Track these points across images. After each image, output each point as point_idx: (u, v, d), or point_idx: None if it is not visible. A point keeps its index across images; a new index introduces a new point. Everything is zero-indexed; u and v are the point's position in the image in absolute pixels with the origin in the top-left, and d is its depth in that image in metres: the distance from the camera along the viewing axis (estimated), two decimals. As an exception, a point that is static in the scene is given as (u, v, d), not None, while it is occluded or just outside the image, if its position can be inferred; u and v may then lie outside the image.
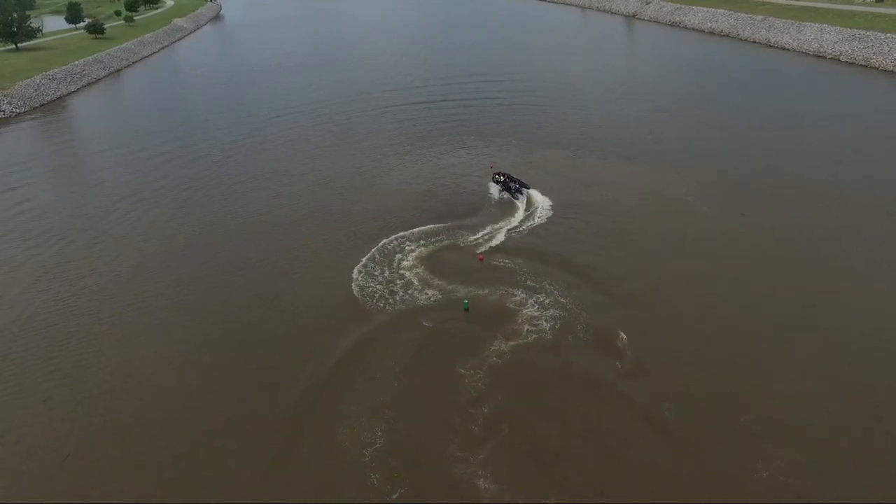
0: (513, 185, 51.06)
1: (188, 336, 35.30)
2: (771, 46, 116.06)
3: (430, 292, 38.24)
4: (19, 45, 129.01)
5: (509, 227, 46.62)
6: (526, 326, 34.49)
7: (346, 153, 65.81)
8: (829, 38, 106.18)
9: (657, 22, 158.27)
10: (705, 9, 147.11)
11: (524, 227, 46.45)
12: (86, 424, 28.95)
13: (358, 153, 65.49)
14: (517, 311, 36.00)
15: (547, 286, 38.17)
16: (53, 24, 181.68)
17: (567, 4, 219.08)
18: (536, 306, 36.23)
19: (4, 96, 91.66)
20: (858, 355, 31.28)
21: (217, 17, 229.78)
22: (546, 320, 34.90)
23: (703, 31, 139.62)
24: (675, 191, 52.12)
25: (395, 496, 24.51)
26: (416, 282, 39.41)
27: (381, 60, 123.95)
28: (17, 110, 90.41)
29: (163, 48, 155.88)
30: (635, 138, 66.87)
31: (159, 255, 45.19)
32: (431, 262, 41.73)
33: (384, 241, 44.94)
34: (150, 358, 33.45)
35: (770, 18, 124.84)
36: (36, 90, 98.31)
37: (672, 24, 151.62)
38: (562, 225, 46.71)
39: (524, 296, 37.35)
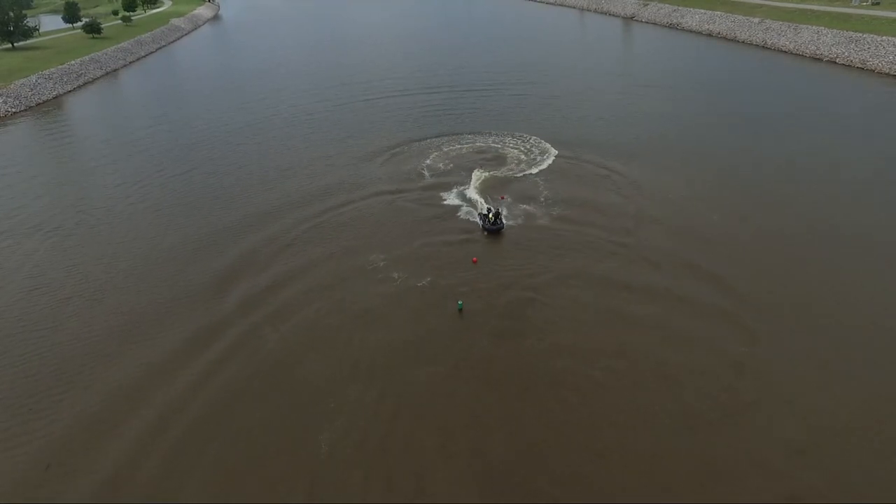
0: (499, 222, 45.62)
1: (172, 340, 34.80)
2: (768, 48, 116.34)
3: (423, 293, 38.17)
4: (16, 44, 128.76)
5: (505, 225, 46.59)
6: (522, 325, 34.46)
7: (346, 157, 65.50)
8: (825, 41, 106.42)
9: (655, 24, 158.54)
10: (702, 11, 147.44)
11: (519, 228, 46.39)
12: (69, 433, 28.36)
13: (357, 159, 65.13)
14: (513, 311, 35.95)
15: (543, 287, 38.14)
16: (51, 23, 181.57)
17: (565, 6, 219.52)
18: (532, 306, 36.20)
19: (0, 95, 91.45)
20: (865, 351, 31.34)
21: (215, 18, 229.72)
22: (544, 321, 34.88)
23: (700, 33, 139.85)
24: (676, 192, 52.02)
25: (384, 497, 24.44)
26: (409, 281, 39.34)
27: (383, 62, 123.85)
28: (13, 109, 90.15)
29: (160, 48, 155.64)
30: (634, 138, 66.78)
31: (149, 258, 44.91)
32: (425, 262, 41.67)
33: (378, 241, 44.93)
34: (134, 362, 33.09)
35: (767, 21, 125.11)
36: (32, 89, 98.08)
37: (669, 26, 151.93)
38: (559, 225, 46.65)
39: (520, 297, 37.32)
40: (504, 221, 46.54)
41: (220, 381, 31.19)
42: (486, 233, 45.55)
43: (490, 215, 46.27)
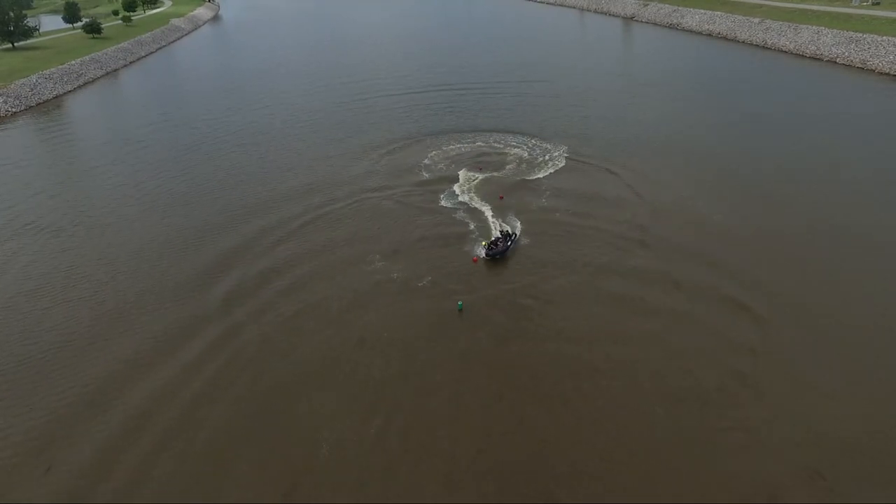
0: (500, 246, 42.15)
1: (163, 338, 34.78)
2: (768, 48, 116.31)
3: (423, 293, 38.14)
4: (16, 44, 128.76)
5: (503, 228, 46.55)
6: (523, 325, 34.45)
7: (346, 157, 65.45)
8: (825, 41, 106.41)
9: (655, 24, 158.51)
10: (702, 11, 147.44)
11: (519, 228, 46.33)
12: (68, 435, 28.28)
13: (356, 157, 65.09)
14: (514, 311, 35.95)
15: (544, 286, 38.14)
16: (51, 23, 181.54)
17: (565, 6, 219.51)
18: (533, 306, 36.20)
19: (0, 95, 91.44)
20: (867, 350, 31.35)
21: (215, 18, 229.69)
22: (546, 320, 34.85)
23: (700, 33, 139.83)
24: (677, 192, 51.96)
25: (383, 497, 24.43)
26: (408, 281, 39.30)
27: (383, 61, 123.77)
28: (14, 109, 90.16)
29: (160, 48, 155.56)
30: (635, 138, 66.69)
31: (147, 257, 44.88)
32: (425, 261, 41.65)
33: (377, 242, 44.96)
34: (127, 361, 33.08)
35: (767, 21, 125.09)
36: (32, 89, 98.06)
37: (669, 27, 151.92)
38: (561, 223, 46.65)
39: (521, 295, 37.31)
40: (513, 241, 42.68)
41: (214, 380, 31.19)
42: (487, 258, 40.89)
43: (498, 238, 42.67)
